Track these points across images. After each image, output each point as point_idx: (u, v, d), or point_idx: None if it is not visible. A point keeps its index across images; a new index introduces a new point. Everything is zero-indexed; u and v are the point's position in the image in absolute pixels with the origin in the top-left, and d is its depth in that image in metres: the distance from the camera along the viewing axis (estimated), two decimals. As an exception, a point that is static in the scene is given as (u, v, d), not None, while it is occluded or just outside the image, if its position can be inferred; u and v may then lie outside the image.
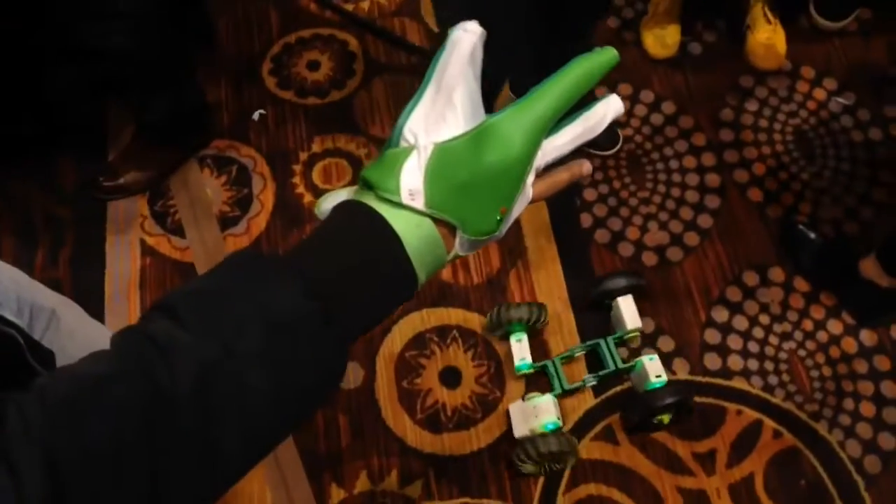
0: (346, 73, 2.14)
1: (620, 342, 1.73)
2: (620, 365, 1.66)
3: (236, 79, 2.13)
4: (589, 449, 1.65)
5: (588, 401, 1.70)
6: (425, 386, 1.73)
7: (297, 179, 1.98)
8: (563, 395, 1.67)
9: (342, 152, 2.02)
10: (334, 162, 2.01)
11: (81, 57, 1.81)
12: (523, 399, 1.65)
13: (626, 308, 1.70)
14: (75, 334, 1.35)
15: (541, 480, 1.62)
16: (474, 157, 0.50)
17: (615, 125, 2.01)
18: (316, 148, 2.03)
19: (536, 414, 1.60)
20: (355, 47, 2.18)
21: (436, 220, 0.51)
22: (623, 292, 1.71)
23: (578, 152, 0.56)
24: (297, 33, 2.20)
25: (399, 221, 0.50)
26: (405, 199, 0.50)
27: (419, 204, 0.50)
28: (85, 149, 2.01)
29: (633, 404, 1.64)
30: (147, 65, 1.76)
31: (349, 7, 2.24)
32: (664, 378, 1.60)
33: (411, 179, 0.50)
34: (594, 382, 1.68)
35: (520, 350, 1.69)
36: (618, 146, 2.00)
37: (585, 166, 0.58)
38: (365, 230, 0.50)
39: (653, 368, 1.61)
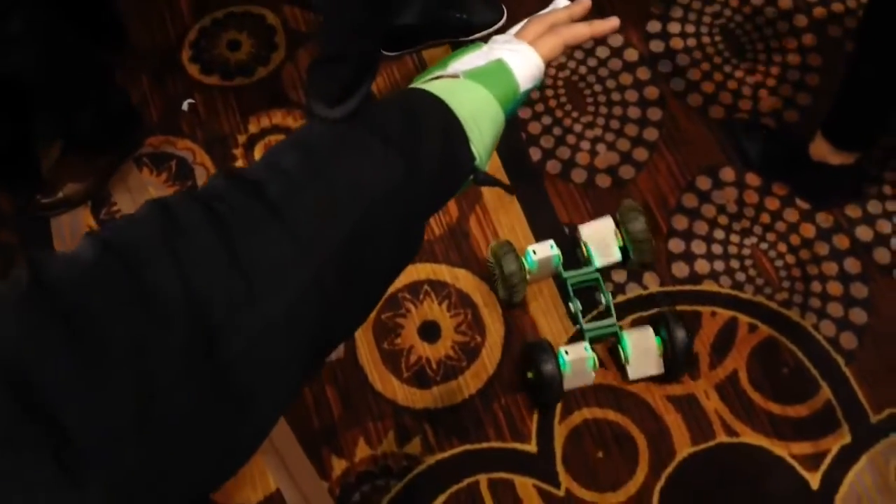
0: (268, 47, 2.09)
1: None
2: (610, 307, 1.66)
3: (157, 72, 2.07)
4: (576, 376, 1.67)
5: (569, 329, 1.72)
6: (406, 344, 1.73)
7: (239, 163, 1.95)
8: (559, 279, 1.70)
9: (280, 128, 1.99)
10: (274, 139, 1.97)
11: None
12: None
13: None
14: None
15: (535, 417, 1.64)
16: None
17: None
18: (253, 128, 1.99)
19: (537, 250, 1.65)
20: (273, 20, 2.13)
21: None
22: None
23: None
24: (210, 15, 2.14)
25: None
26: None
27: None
28: (16, 169, 1.94)
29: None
30: (57, 81, 1.70)
31: (258, -21, 2.18)
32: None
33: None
34: (574, 310, 1.68)
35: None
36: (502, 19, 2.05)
37: (613, 21, 0.70)
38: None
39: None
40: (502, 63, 0.65)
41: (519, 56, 0.65)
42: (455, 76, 0.63)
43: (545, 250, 1.65)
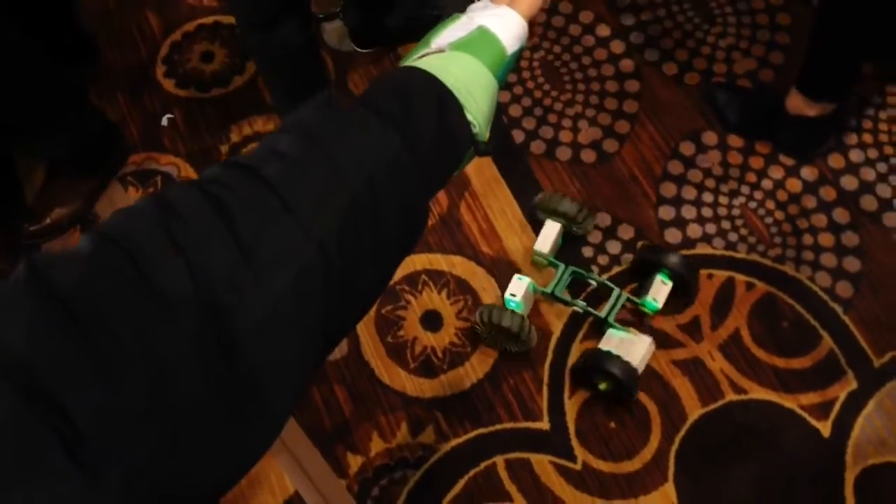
0: (242, 55, 2.09)
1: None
2: (603, 282, 1.69)
3: (133, 90, 2.06)
4: (582, 349, 1.68)
5: (568, 309, 1.73)
6: (410, 335, 1.73)
7: (224, 173, 1.94)
8: (548, 296, 1.69)
9: (262, 134, 1.98)
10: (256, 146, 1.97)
11: None
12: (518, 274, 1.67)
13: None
14: None
15: (545, 395, 1.65)
16: None
17: None
18: (234, 137, 1.99)
19: (513, 291, 1.63)
20: (244, 28, 2.12)
21: None
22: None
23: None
24: (181, 29, 2.13)
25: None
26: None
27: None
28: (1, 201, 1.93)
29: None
30: (29, 104, 1.68)
31: (226, -11, 2.17)
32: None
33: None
34: (582, 309, 1.69)
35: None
36: None
37: None
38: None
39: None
40: (484, 29, 0.64)
41: (500, 19, 0.65)
42: (440, 51, 0.63)
43: (519, 286, 1.64)
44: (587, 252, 1.77)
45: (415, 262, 1.79)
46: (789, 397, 1.61)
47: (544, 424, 1.63)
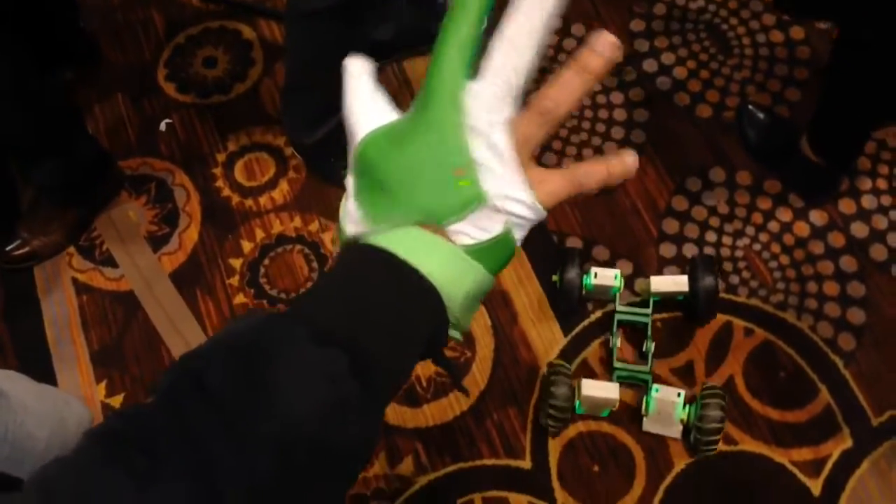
0: (245, 63, 2.05)
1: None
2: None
3: (133, 92, 2.03)
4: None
5: (559, 340, 1.68)
6: (395, 362, 1.69)
7: (220, 183, 1.91)
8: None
9: (260, 145, 1.95)
10: (254, 156, 1.93)
11: None
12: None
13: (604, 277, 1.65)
14: (28, 406, 1.29)
15: (528, 432, 1.61)
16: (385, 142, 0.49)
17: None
18: (232, 146, 1.95)
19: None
20: (249, 35, 2.09)
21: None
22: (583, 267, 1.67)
23: None
24: (185, 32, 2.10)
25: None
26: (349, 232, 0.49)
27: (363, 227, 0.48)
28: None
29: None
30: (17, 126, 1.61)
31: (234, -7, 2.14)
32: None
33: (348, 211, 0.50)
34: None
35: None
36: None
37: (629, 158, 0.50)
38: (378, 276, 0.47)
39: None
40: (509, 238, 0.50)
41: (530, 217, 0.50)
42: (450, 240, 0.48)
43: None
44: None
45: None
46: (781, 451, 1.56)
47: (526, 463, 1.58)
